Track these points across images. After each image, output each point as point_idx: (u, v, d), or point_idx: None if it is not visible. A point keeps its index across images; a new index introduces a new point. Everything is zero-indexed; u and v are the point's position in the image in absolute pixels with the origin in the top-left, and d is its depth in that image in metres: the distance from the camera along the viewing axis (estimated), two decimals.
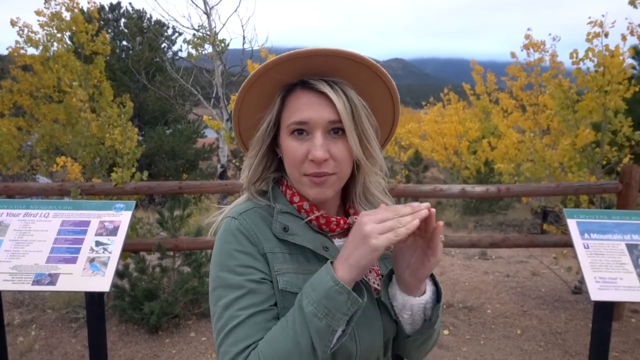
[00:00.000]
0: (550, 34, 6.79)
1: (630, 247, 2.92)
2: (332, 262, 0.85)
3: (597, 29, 4.08)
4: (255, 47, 11.79)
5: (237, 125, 1.00)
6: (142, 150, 4.32)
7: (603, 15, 4.08)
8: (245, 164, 1.00)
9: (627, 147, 4.57)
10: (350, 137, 0.88)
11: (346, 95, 0.89)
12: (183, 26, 11.92)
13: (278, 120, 0.94)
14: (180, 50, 14.16)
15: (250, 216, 0.94)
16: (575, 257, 2.91)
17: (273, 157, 0.99)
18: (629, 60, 7.08)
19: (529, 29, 7.58)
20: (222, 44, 10.76)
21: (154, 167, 15.33)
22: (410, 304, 0.91)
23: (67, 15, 5.04)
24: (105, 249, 2.98)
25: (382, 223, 0.80)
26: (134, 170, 4.29)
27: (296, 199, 0.96)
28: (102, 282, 2.83)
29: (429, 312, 0.92)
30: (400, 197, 3.71)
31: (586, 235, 2.96)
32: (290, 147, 0.90)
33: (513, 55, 9.59)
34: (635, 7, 7.91)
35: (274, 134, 0.96)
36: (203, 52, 10.92)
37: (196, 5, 11.14)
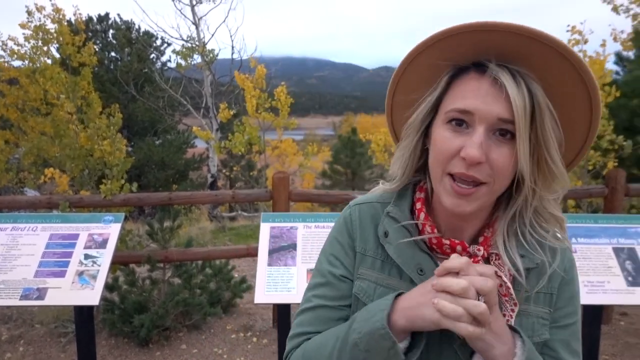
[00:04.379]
0: None
1: (617, 251, 2.95)
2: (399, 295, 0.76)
3: (577, 36, 4.16)
4: (245, 57, 11.83)
5: (390, 105, 0.85)
6: (131, 162, 4.30)
7: (582, 23, 4.17)
8: (396, 154, 0.85)
9: (611, 152, 4.64)
10: (520, 143, 0.70)
11: (530, 92, 0.70)
12: (172, 37, 11.82)
13: (438, 104, 0.77)
14: (169, 60, 14.22)
15: (364, 209, 0.88)
16: None
17: (425, 150, 0.82)
18: (613, 67, 7.21)
19: None
20: (211, 54, 10.79)
21: (143, 178, 15.25)
22: None
23: (52, 28, 5.03)
24: (94, 262, 2.96)
25: (459, 297, 0.65)
26: (123, 181, 4.26)
27: (418, 205, 0.83)
28: (91, 296, 2.80)
29: None
30: None
31: (574, 240, 3.00)
32: (442, 136, 0.74)
33: None
34: (618, 13, 8.06)
35: (431, 121, 0.79)
36: (192, 63, 10.94)
37: (185, 16, 11.19)
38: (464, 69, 0.74)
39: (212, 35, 11.14)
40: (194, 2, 10.87)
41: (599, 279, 2.84)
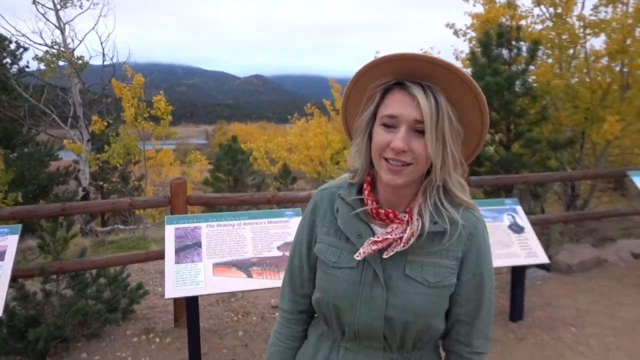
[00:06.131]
0: None
1: None
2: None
3: None
4: (115, 61, 11.38)
5: (345, 114, 1.15)
6: (12, 175, 4.15)
7: (432, 47, 5.05)
8: (352, 151, 1.14)
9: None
10: (428, 137, 0.98)
11: (436, 100, 0.98)
12: (34, 42, 10.72)
13: (376, 113, 1.05)
14: (28, 66, 12.91)
15: (326, 193, 1.18)
16: None
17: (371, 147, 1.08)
18: None
19: (377, 52, 8.70)
20: (81, 61, 10.25)
21: None
22: None
23: None
24: None
25: None
26: (1, 194, 4.10)
27: (365, 186, 1.11)
28: None
29: None
30: (281, 203, 4.17)
31: None
32: (379, 134, 1.02)
33: None
34: (458, 37, 9.49)
35: (372, 125, 1.07)
36: (59, 69, 10.28)
37: (47, 20, 10.45)
38: (391, 86, 1.03)
39: (81, 41, 10.55)
40: (58, 7, 10.23)
41: None
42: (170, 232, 3.34)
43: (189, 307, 3.19)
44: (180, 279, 3.13)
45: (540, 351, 3.49)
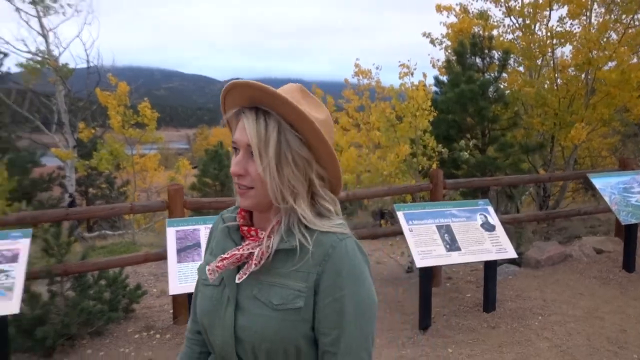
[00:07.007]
0: (374, 64, 8.26)
1: (439, 227, 4.11)
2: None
3: (406, 70, 5.43)
4: (99, 65, 11.48)
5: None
6: (15, 182, 4.36)
7: (409, 60, 5.46)
8: None
9: (434, 157, 6.03)
10: (256, 159, 0.96)
11: (265, 124, 0.96)
12: (16, 49, 10.74)
13: None
14: (10, 72, 12.90)
15: (221, 216, 1.20)
16: (404, 239, 3.99)
17: None
18: (434, 88, 8.96)
19: (357, 59, 9.05)
20: (65, 69, 10.38)
21: None
22: None
23: None
24: (7, 275, 3.18)
25: None
26: (6, 201, 4.31)
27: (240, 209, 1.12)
28: (9, 305, 3.04)
29: None
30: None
31: (410, 222, 4.07)
32: (232, 160, 1.04)
33: (346, 81, 11.15)
34: (434, 45, 9.90)
35: None
36: (42, 76, 10.39)
37: (30, 26, 10.55)
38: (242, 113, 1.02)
39: (65, 48, 10.66)
40: (41, 14, 10.35)
41: (428, 249, 3.93)
42: (171, 234, 3.62)
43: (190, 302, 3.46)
44: (183, 277, 3.42)
45: (510, 337, 3.86)
